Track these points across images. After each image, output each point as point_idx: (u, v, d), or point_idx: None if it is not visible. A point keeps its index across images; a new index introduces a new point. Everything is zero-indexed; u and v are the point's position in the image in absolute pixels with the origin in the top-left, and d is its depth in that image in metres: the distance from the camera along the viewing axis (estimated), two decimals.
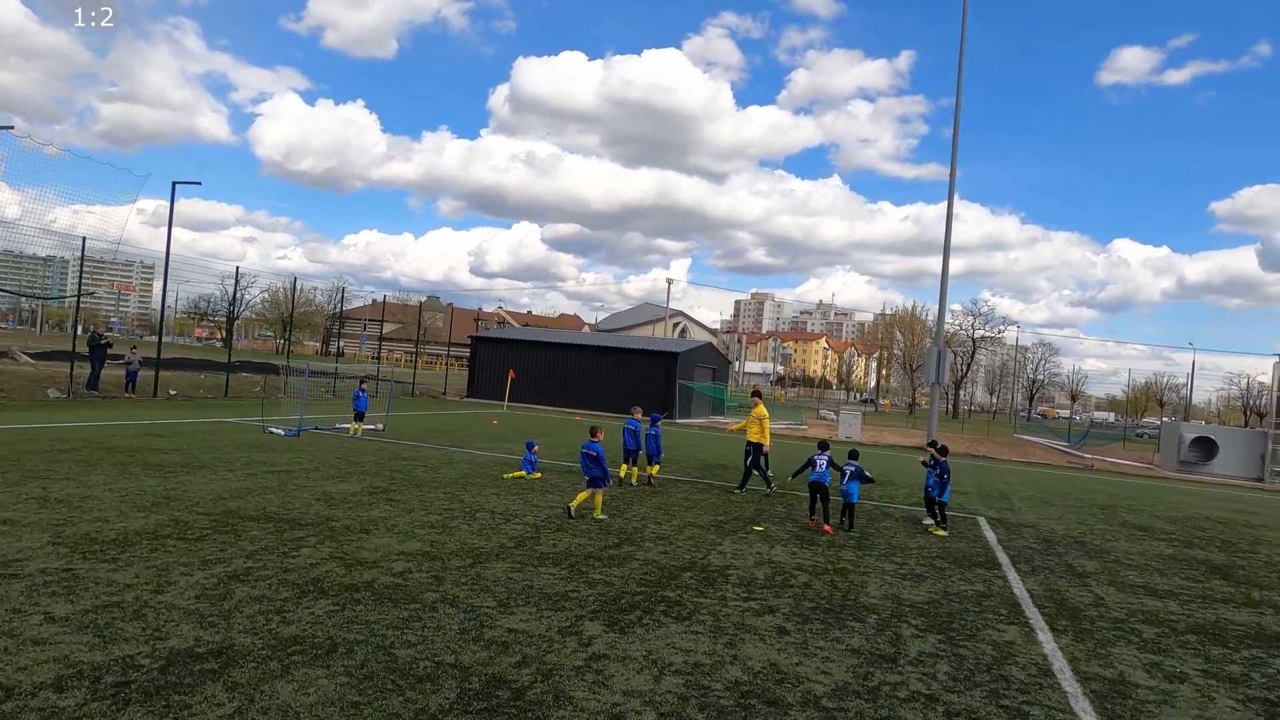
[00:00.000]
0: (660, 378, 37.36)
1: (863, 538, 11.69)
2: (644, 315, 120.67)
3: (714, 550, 9.88)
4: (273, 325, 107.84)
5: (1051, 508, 17.38)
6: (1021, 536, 13.15)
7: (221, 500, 10.24)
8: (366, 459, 15.34)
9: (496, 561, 8.35)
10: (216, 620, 5.88)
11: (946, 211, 33.14)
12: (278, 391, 30.87)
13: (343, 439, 18.42)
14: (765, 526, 11.80)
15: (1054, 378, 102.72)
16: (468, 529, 9.83)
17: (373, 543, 8.68)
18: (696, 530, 11.08)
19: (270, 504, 10.27)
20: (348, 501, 10.89)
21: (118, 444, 14.38)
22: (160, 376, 25.94)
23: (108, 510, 9.12)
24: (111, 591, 6.32)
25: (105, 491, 10.15)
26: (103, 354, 24.96)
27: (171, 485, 10.93)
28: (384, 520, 9.90)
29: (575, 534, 10.09)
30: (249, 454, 14.57)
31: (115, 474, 11.42)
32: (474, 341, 41.34)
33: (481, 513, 10.94)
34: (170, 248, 24.66)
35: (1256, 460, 31.51)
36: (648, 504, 12.94)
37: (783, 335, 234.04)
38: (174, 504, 9.75)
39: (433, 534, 9.37)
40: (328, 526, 9.27)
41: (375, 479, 12.99)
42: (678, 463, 19.35)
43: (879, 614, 7.71)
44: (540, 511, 11.40)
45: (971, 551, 11.43)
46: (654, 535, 10.44)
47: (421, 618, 6.35)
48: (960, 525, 13.79)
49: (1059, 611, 8.47)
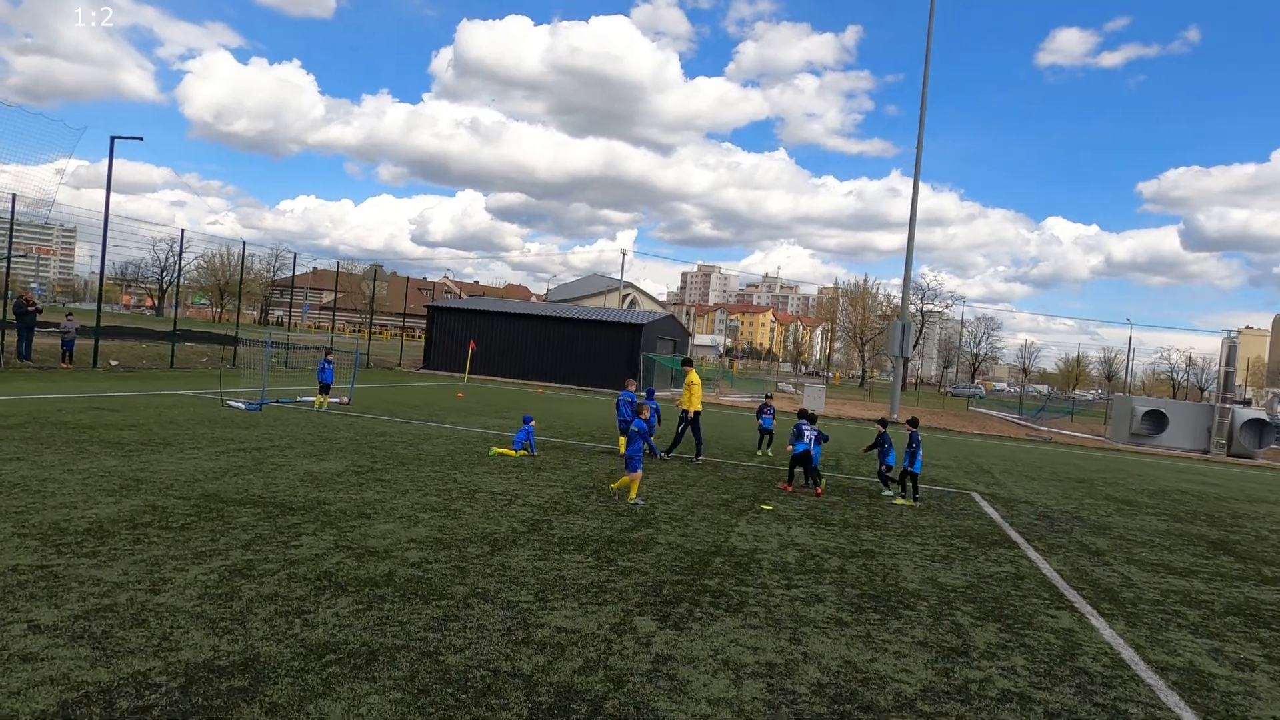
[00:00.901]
0: (624, 350, 36.77)
1: (873, 516, 11.39)
2: (593, 286, 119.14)
3: (733, 532, 9.42)
4: (208, 293, 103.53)
5: (1033, 482, 17.43)
6: (1021, 513, 13.03)
7: (197, 482, 9.37)
8: (340, 435, 14.46)
9: (515, 548, 7.73)
10: (230, 625, 5.17)
11: (912, 195, 33.04)
12: (226, 363, 29.38)
13: (308, 413, 17.44)
14: (774, 505, 11.40)
15: (997, 351, 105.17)
16: (472, 512, 9.17)
17: (376, 529, 7.97)
18: (707, 510, 10.61)
19: (252, 486, 9.44)
20: (335, 482, 10.11)
21: (66, 419, 13.23)
22: (100, 346, 24.31)
23: (72, 495, 8.20)
24: (100, 592, 5.53)
25: (65, 473, 9.18)
26: (30, 321, 23.29)
27: (137, 466, 9.99)
28: (380, 503, 9.17)
29: (586, 516, 9.52)
30: (213, 430, 13.58)
31: (71, 453, 10.40)
32: (430, 311, 40.07)
33: (481, 493, 10.28)
34: (110, 208, 22.99)
35: (1203, 433, 32.51)
36: (648, 481, 12.41)
37: (730, 308, 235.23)
38: (145, 487, 8.85)
39: (437, 518, 8.69)
40: (322, 511, 8.52)
41: (356, 457, 12.18)
42: (658, 438, 18.85)
43: (927, 600, 7.35)
44: (541, 491, 10.78)
45: (982, 529, 11.21)
46: (666, 516, 9.94)
47: (458, 616, 5.73)
48: (958, 501, 13.62)
49: (1097, 595, 8.23)
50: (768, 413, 17.98)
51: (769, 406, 18.38)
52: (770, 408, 18.33)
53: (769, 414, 17.95)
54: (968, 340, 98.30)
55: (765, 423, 17.87)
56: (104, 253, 23.50)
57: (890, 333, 36.56)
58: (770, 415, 17.97)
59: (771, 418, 17.96)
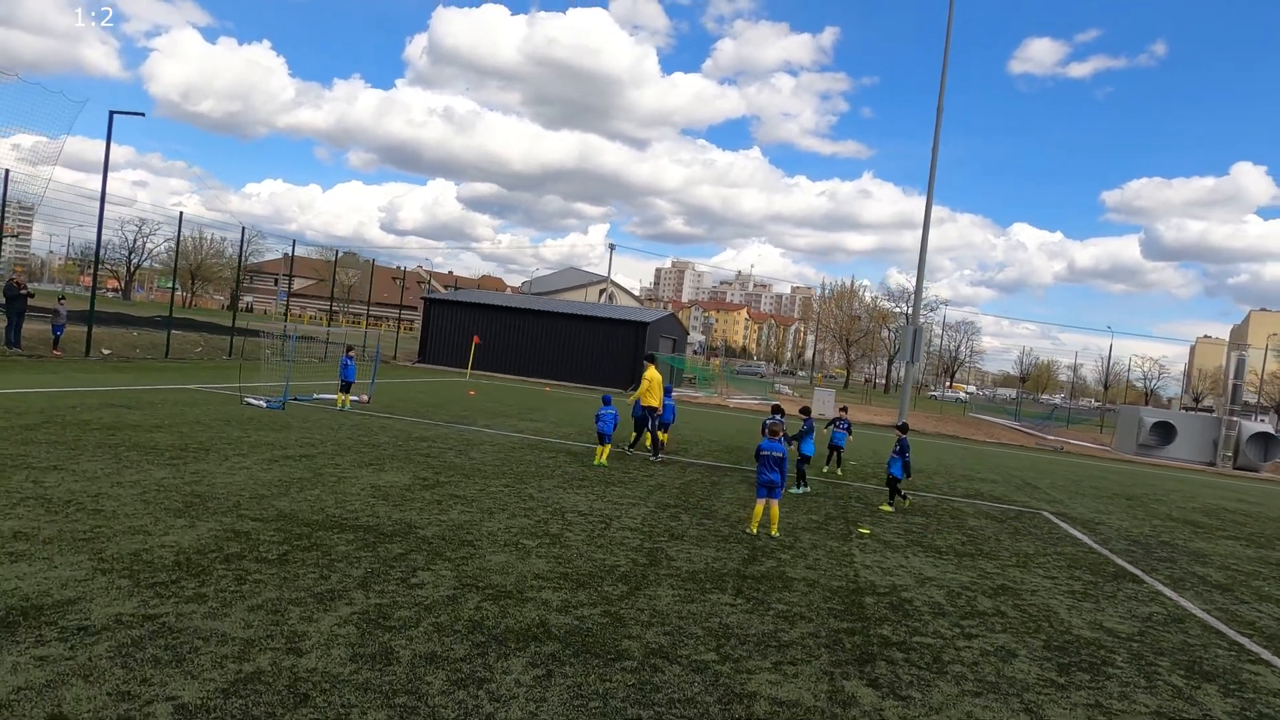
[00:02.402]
0: (629, 348, 35.89)
1: (972, 540, 10.71)
2: (571, 280, 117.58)
3: (856, 564, 8.66)
4: (180, 276, 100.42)
5: (1086, 499, 16.93)
6: (1107, 536, 12.45)
7: (263, 499, 8.38)
8: (380, 439, 13.46)
9: (652, 587, 6.89)
10: (412, 704, 4.28)
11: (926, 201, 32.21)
12: (222, 353, 28.00)
13: (332, 412, 16.37)
14: (870, 529, 10.67)
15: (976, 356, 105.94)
16: (575, 538, 8.30)
17: (491, 561, 7.08)
18: (808, 535, 9.85)
19: (324, 503, 8.48)
20: (410, 499, 9.17)
21: (86, 419, 12.07)
22: (92, 334, 22.89)
23: (135, 515, 7.19)
24: (235, 654, 4.60)
25: (114, 487, 8.14)
26: (21, 305, 21.82)
27: (188, 477, 8.96)
28: (473, 526, 8.26)
29: (694, 542, 8.70)
30: (246, 432, 12.51)
31: (110, 461, 9.33)
32: (427, 304, 38.81)
33: (569, 514, 9.41)
34: (106, 186, 21.56)
35: (1210, 445, 32.51)
36: (722, 498, 11.63)
37: (705, 305, 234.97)
38: (212, 505, 7.85)
39: (544, 546, 7.82)
40: (418, 537, 7.59)
41: (414, 467, 11.22)
42: (696, 443, 18.07)
43: (1115, 652, 6.65)
44: (627, 510, 9.94)
45: (1090, 558, 10.60)
46: (777, 545, 9.15)
47: (653, 683, 4.88)
48: (1036, 522, 13.01)
49: (1267, 640, 7.61)
50: (841, 426, 15.92)
51: (843, 420, 16.13)
52: (845, 420, 16.17)
53: (843, 428, 15.95)
54: (946, 344, 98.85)
55: (837, 438, 15.83)
56: (99, 234, 22.13)
57: (902, 338, 36.11)
58: (845, 429, 15.98)
59: (846, 432, 15.98)
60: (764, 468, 9.33)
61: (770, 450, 9.35)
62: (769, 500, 9.38)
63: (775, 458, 9.33)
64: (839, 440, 15.81)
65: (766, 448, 9.38)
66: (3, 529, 6.39)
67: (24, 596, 5.09)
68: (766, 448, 9.38)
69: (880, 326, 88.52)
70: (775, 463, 9.32)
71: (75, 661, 4.30)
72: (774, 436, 9.48)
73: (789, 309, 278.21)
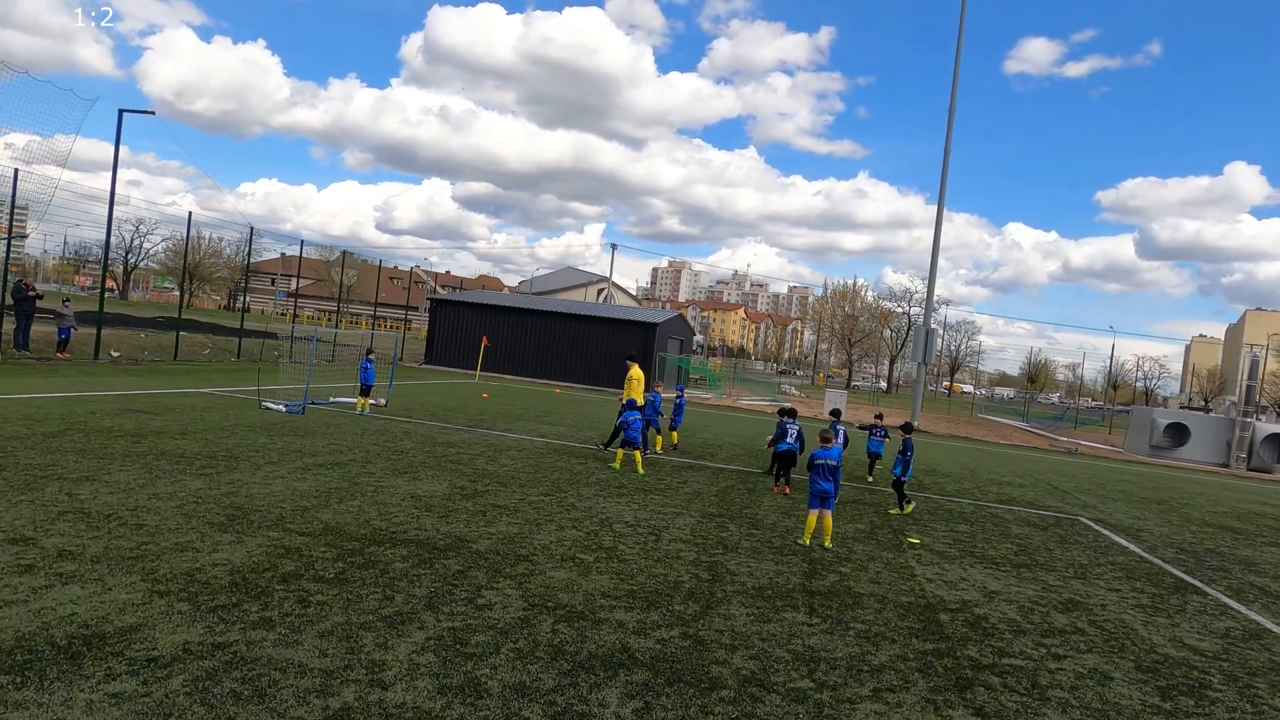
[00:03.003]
0: (638, 349, 35.56)
1: (1024, 550, 10.45)
2: (570, 279, 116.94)
3: (920, 578, 8.39)
4: (176, 275, 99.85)
5: (1117, 503, 16.70)
6: (1152, 544, 12.21)
7: (306, 510, 8.07)
8: (406, 445, 13.16)
9: (724, 605, 6.61)
10: None
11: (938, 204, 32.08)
12: (229, 355, 27.64)
13: (352, 416, 16.05)
14: (920, 539, 10.41)
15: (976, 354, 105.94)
16: (630, 552, 8.02)
17: (552, 578, 6.79)
18: (859, 545, 9.57)
19: (368, 515, 8.18)
20: (453, 510, 8.87)
21: (107, 425, 11.75)
22: (100, 336, 22.51)
23: (179, 530, 6.88)
24: (317, 687, 4.31)
25: (151, 499, 7.83)
26: (30, 308, 21.46)
27: (223, 488, 8.65)
28: (524, 539, 7.97)
29: (750, 554, 8.43)
30: (271, 438, 12.19)
31: (141, 471, 9.01)
32: (434, 305, 38.46)
33: (617, 524, 9.12)
34: (115, 186, 21.18)
35: (1223, 447, 32.35)
36: (763, 506, 11.35)
37: (701, 304, 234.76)
38: (255, 519, 7.55)
39: (602, 561, 7.53)
40: (472, 552, 7.30)
41: (448, 475, 10.92)
42: (720, 447, 17.79)
43: (1207, 674, 6.38)
44: (673, 520, 9.66)
45: (1144, 568, 10.35)
46: (833, 556, 8.87)
47: (758, 715, 4.62)
48: (1079, 530, 12.76)
49: None
50: (879, 434, 15.28)
51: (880, 426, 15.45)
52: (882, 428, 15.49)
53: (880, 435, 15.32)
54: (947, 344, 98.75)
55: (874, 445, 15.28)
56: (108, 235, 21.69)
57: (914, 338, 35.93)
58: (883, 436, 15.36)
59: (882, 441, 15.32)
60: (818, 477, 9.04)
61: (825, 459, 9.07)
62: (822, 511, 9.09)
63: (830, 466, 9.04)
64: (876, 448, 15.27)
65: (821, 456, 9.09)
66: (46, 546, 6.09)
67: (83, 623, 4.79)
68: (821, 456, 9.09)
69: (882, 326, 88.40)
70: (830, 471, 9.04)
71: (152, 699, 4.00)
72: (828, 444, 9.18)
73: (786, 308, 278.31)
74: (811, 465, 9.15)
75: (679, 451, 16.44)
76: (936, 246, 33.72)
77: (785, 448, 12.86)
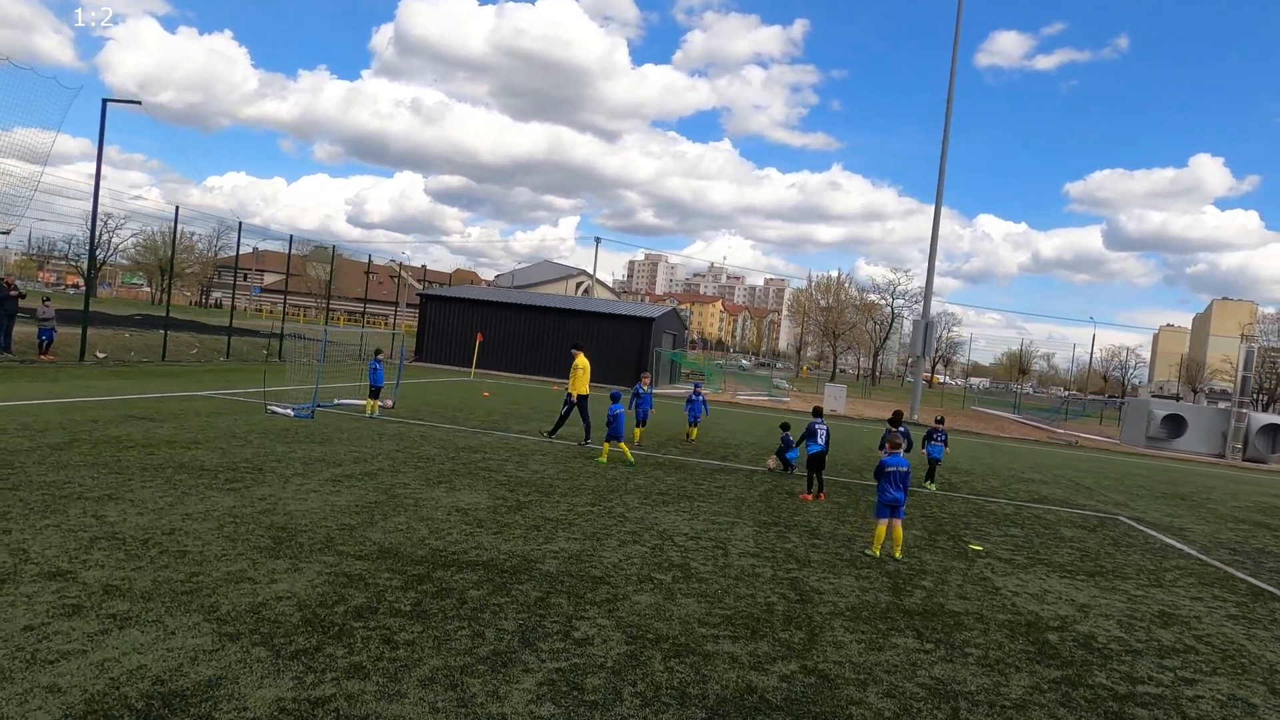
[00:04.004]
0: (634, 344, 35.07)
1: (1083, 556, 10.10)
2: (548, 273, 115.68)
3: (1001, 591, 7.99)
4: (147, 270, 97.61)
5: (1144, 500, 16.49)
6: (1205, 545, 11.96)
7: (351, 529, 7.49)
8: (427, 449, 12.56)
9: (826, 631, 6.15)
10: None
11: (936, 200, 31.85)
12: (217, 355, 26.71)
13: (362, 419, 15.40)
14: (981, 545, 10.02)
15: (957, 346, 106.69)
16: (704, 568, 7.53)
17: (638, 603, 6.28)
18: (923, 554, 9.16)
19: (419, 533, 7.60)
20: (503, 524, 8.32)
21: (114, 434, 11.02)
22: (87, 336, 21.54)
23: (226, 556, 6.27)
24: None
25: (185, 520, 7.20)
26: (13, 307, 20.50)
27: (257, 505, 8.03)
28: (590, 556, 7.45)
29: (827, 570, 7.97)
30: (289, 446, 11.54)
31: (165, 486, 8.36)
32: (424, 300, 37.64)
33: (677, 537, 8.62)
34: (100, 178, 20.20)
35: (1219, 437, 32.52)
36: (812, 511, 10.91)
37: (679, 297, 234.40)
38: (301, 540, 6.95)
39: (680, 581, 7.03)
40: (541, 573, 6.77)
41: (483, 483, 10.35)
42: (740, 446, 17.33)
43: None
44: (728, 530, 9.18)
45: (1208, 572, 10.06)
46: (907, 569, 8.44)
47: None
48: (1122, 530, 12.47)
49: None
50: (939, 439, 14.27)
51: (940, 431, 14.37)
52: (943, 432, 14.43)
53: (940, 439, 14.31)
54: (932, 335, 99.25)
55: (934, 451, 14.24)
56: (93, 230, 20.71)
57: (913, 331, 35.77)
58: (943, 441, 14.40)
59: (942, 446, 14.34)
60: (889, 485, 8.58)
61: (895, 466, 8.61)
62: (892, 520, 8.65)
63: (901, 474, 8.59)
64: (936, 453, 14.23)
65: (892, 463, 8.62)
66: (88, 580, 5.47)
67: (156, 678, 4.20)
68: (892, 463, 8.62)
69: (866, 318, 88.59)
70: (900, 479, 8.59)
71: None
72: (897, 450, 8.72)
73: (763, 300, 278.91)
74: (881, 473, 8.69)
75: (700, 452, 15.98)
76: (934, 241, 33.53)
77: (816, 449, 12.26)
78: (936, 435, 14.29)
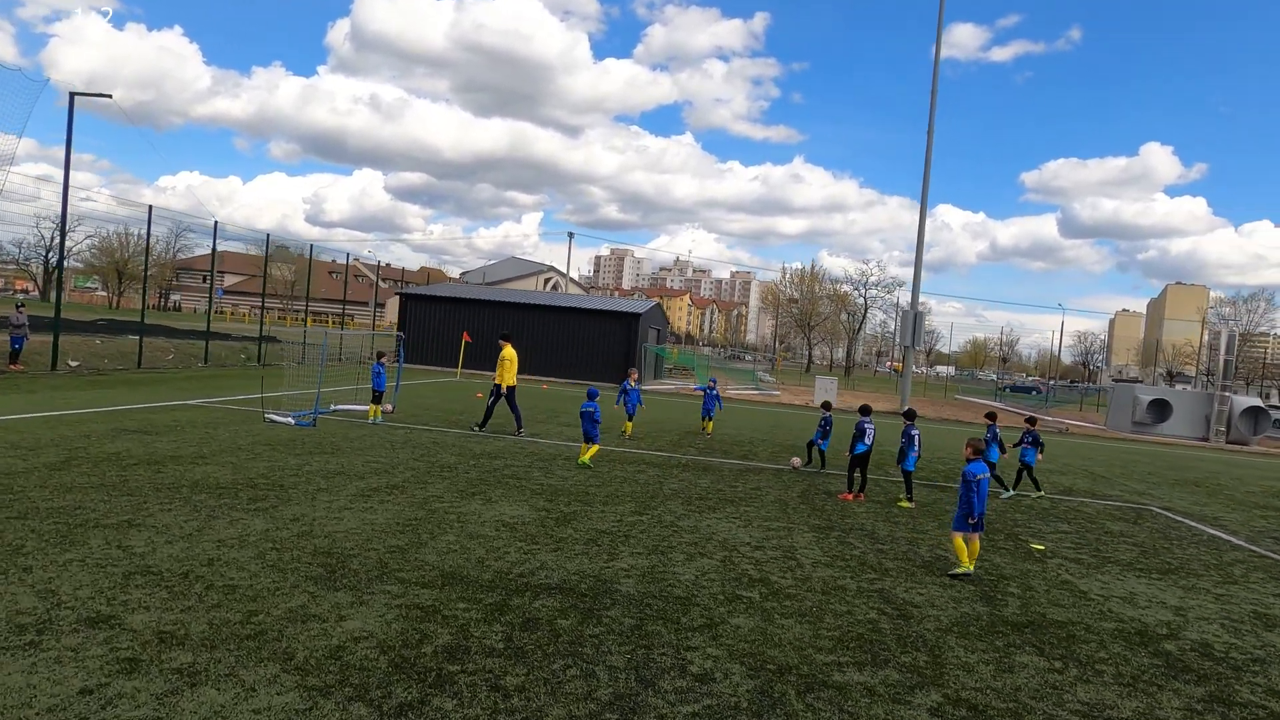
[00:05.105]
0: (621, 340, 34.49)
1: (1144, 553, 9.80)
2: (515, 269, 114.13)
3: (1091, 596, 7.62)
4: (104, 273, 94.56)
5: (1161, 487, 16.39)
6: (1249, 535, 11.78)
7: (401, 551, 6.87)
8: (445, 457, 11.91)
9: (944, 651, 5.69)
10: None
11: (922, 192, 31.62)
12: (195, 360, 25.61)
13: (366, 426, 14.67)
14: (1042, 544, 9.67)
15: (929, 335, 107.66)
16: (786, 583, 7.06)
17: (740, 626, 5.77)
18: (991, 557, 8.78)
19: (475, 553, 7.01)
20: (559, 540, 7.75)
21: (110, 450, 10.22)
22: (59, 344, 20.42)
23: (279, 590, 5.63)
24: None
25: (218, 547, 6.53)
26: None
27: (290, 527, 7.36)
28: (664, 574, 6.92)
29: (908, 579, 7.55)
30: (300, 458, 10.82)
31: (186, 509, 7.65)
32: (404, 300, 36.65)
33: (741, 548, 8.13)
34: (69, 176, 19.09)
35: (1203, 421, 32.90)
36: (858, 514, 10.48)
37: (646, 291, 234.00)
38: (353, 566, 6.32)
39: (769, 599, 6.54)
40: (623, 596, 6.23)
41: (517, 494, 9.75)
42: (755, 443, 16.89)
43: None
44: (783, 539, 8.71)
45: (1266, 564, 9.82)
46: (987, 577, 8.02)
47: None
48: (1160, 522, 12.24)
49: None
50: (1029, 440, 13.34)
51: (1032, 433, 13.39)
52: (1035, 434, 13.42)
53: (1030, 441, 13.36)
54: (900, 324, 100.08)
55: (1027, 455, 13.25)
56: (63, 233, 19.63)
57: (901, 322, 35.65)
58: (1031, 444, 13.36)
59: (1036, 448, 13.33)
60: (975, 498, 7.90)
61: (981, 474, 7.99)
62: (970, 535, 8.02)
63: (984, 482, 8.02)
64: (1029, 458, 13.16)
65: (978, 471, 7.97)
66: (136, 626, 4.81)
67: None
68: (978, 471, 7.97)
69: (839, 310, 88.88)
70: (976, 483, 8.03)
71: None
72: (978, 456, 8.15)
73: (729, 294, 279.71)
74: (967, 482, 7.97)
75: (719, 450, 15.52)
76: (921, 232, 33.43)
77: (863, 449, 11.72)
78: (1027, 437, 13.20)
